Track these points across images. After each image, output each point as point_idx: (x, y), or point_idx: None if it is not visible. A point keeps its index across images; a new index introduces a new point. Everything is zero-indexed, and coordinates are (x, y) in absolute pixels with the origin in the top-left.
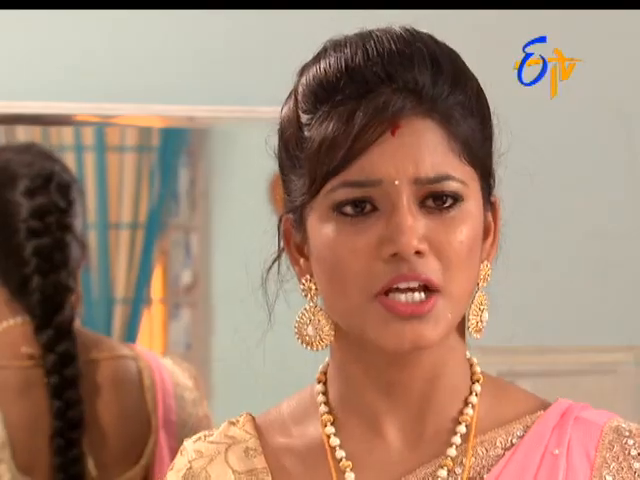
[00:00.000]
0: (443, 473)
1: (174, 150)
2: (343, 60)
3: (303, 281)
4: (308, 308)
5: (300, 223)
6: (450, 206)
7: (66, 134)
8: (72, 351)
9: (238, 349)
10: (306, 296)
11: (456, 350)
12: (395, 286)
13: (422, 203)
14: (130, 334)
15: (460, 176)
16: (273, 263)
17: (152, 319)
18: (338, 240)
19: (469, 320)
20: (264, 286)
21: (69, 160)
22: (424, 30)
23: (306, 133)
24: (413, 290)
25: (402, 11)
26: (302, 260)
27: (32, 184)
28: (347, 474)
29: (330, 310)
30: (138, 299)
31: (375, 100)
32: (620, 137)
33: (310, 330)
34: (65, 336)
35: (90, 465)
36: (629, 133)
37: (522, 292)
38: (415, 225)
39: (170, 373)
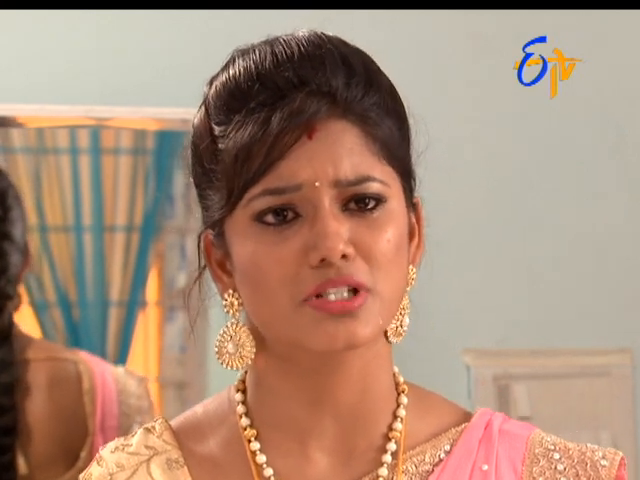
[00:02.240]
0: None
1: (169, 152)
2: (253, 67)
3: (225, 296)
4: (229, 325)
5: (220, 238)
6: (374, 207)
7: (61, 137)
8: (9, 357)
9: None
10: (228, 312)
11: (383, 359)
12: (324, 292)
13: (345, 206)
14: (125, 337)
15: (381, 177)
16: (195, 282)
17: (147, 322)
18: (261, 250)
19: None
20: (186, 304)
21: (64, 163)
22: (426, 31)
23: (220, 145)
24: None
25: (403, 11)
26: (224, 276)
27: None
28: None
29: (256, 320)
30: (133, 302)
31: (289, 105)
32: (619, 137)
33: (230, 347)
34: (3, 342)
35: (21, 465)
36: (629, 133)
37: (515, 294)
38: (339, 229)
39: (116, 379)
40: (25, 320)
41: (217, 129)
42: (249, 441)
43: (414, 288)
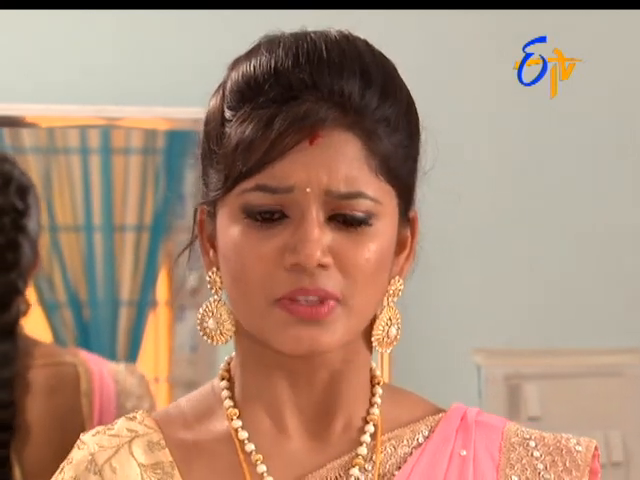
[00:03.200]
0: (355, 471)
1: (179, 152)
2: (273, 61)
3: (210, 273)
4: (212, 301)
5: (213, 217)
6: (359, 224)
7: (71, 136)
8: (12, 353)
9: None
10: (211, 289)
11: (360, 353)
12: (295, 298)
13: (332, 216)
14: (135, 336)
15: (373, 194)
16: (184, 250)
17: (157, 321)
18: (244, 244)
19: (374, 335)
20: (173, 270)
21: (74, 162)
22: (426, 31)
23: (227, 129)
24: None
25: (403, 11)
26: (212, 252)
27: None
28: (259, 466)
29: (233, 308)
30: (143, 301)
31: (297, 107)
32: (620, 137)
33: (211, 323)
34: (7, 337)
35: (16, 470)
36: (630, 133)
37: (527, 294)
38: (321, 237)
39: (115, 379)
40: (35, 320)
41: (228, 112)
42: (231, 420)
43: (424, 289)
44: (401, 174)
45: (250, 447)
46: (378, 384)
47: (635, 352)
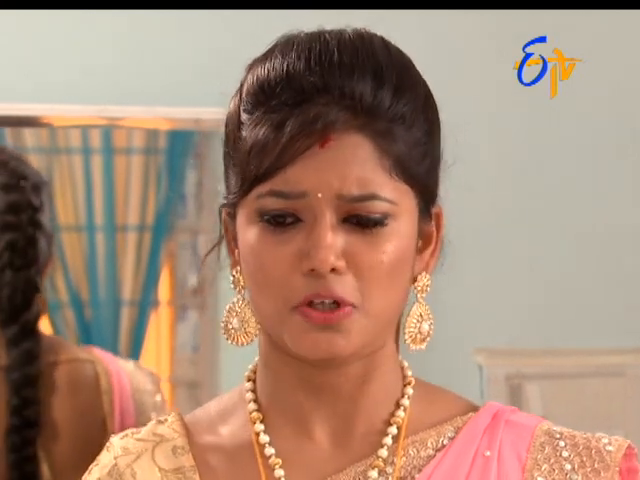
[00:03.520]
0: (374, 473)
1: (181, 152)
2: (285, 65)
3: (233, 272)
4: (236, 300)
5: (234, 217)
6: (374, 226)
7: (73, 136)
8: (35, 350)
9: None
10: (235, 288)
11: (387, 356)
12: (311, 302)
13: (346, 219)
14: (137, 336)
15: (389, 195)
16: (212, 249)
17: (159, 321)
18: (261, 247)
19: (405, 333)
20: (200, 271)
21: (76, 162)
22: (427, 31)
23: (243, 133)
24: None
25: (403, 11)
26: (237, 251)
27: (8, 181)
28: (276, 471)
29: (254, 309)
30: (145, 301)
31: (308, 111)
32: (620, 137)
33: (235, 323)
34: (30, 334)
35: (44, 468)
36: (630, 133)
37: (527, 294)
38: (334, 242)
39: (130, 377)
40: None
41: (244, 115)
42: (254, 423)
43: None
44: (418, 172)
45: (270, 451)
46: (409, 384)
47: (637, 352)
